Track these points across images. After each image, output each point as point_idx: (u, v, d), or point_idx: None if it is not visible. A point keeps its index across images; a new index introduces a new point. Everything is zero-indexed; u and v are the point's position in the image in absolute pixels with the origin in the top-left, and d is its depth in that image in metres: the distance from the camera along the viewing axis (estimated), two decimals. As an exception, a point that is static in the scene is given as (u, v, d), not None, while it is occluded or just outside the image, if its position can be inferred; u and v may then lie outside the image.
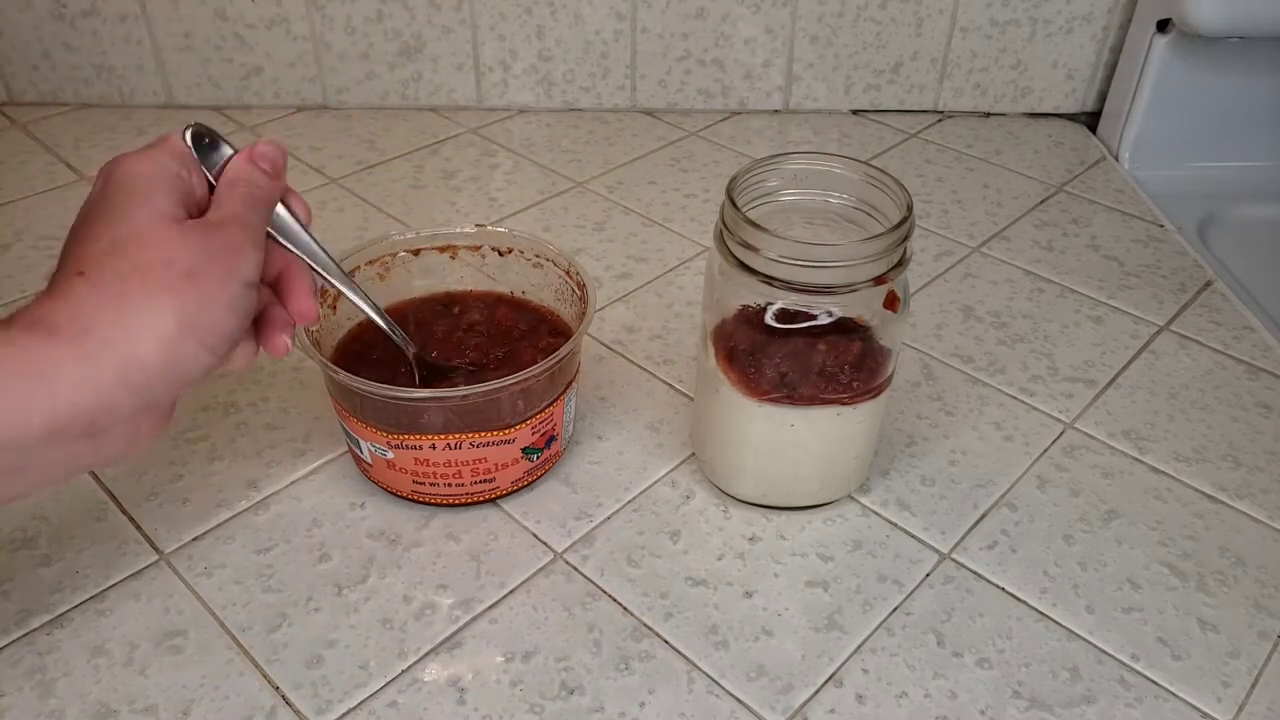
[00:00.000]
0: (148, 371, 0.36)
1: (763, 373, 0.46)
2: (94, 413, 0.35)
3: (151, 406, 0.37)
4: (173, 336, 0.36)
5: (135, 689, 0.43)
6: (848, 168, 0.48)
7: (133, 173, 0.39)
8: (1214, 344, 0.65)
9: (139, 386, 0.36)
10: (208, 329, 0.37)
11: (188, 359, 0.37)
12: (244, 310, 0.39)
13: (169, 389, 0.37)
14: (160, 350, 0.35)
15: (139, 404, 0.36)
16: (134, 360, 0.35)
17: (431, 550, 0.49)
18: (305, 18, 0.84)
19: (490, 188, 0.79)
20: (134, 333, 0.35)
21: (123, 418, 0.36)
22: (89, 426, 0.35)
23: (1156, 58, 0.82)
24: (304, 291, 0.43)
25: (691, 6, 0.85)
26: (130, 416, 0.36)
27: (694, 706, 0.43)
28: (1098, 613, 0.47)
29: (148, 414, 0.38)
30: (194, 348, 0.37)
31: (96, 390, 0.35)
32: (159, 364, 0.36)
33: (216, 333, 0.37)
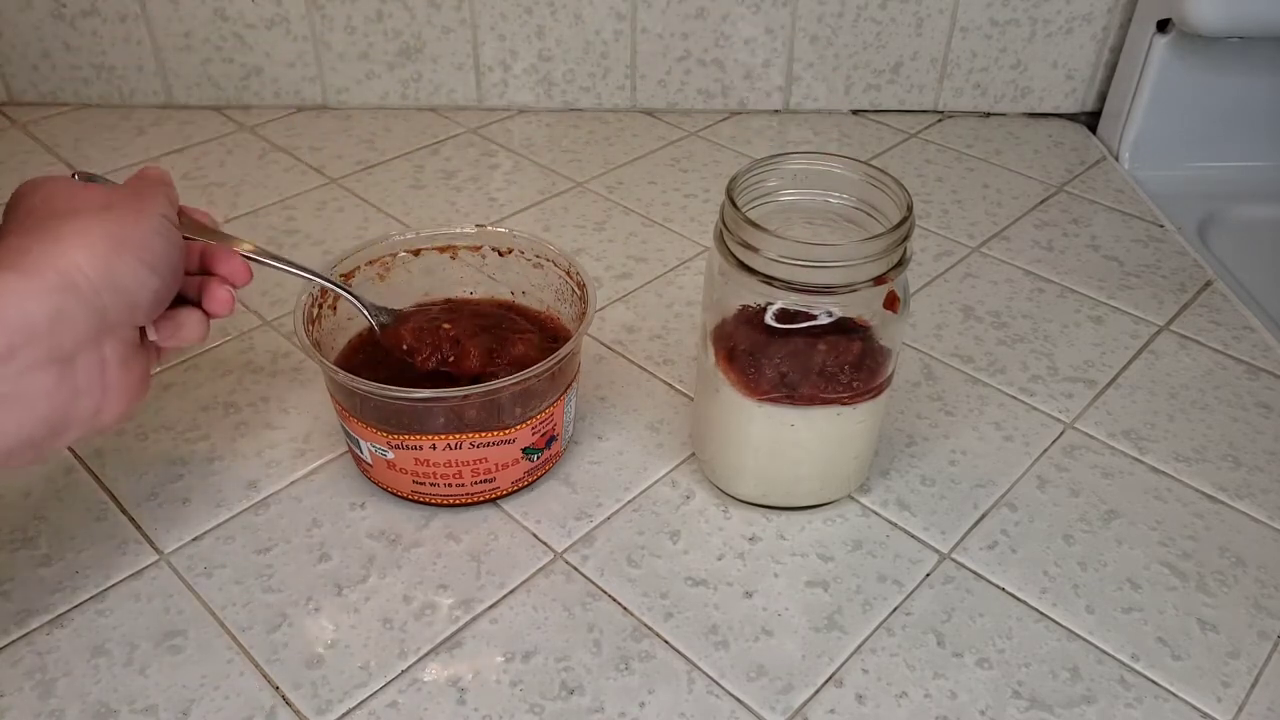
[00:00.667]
0: (89, 278, 0.37)
1: (763, 373, 0.46)
2: (49, 321, 0.36)
3: (110, 328, 0.39)
4: (103, 244, 0.38)
5: (135, 689, 0.43)
6: (848, 168, 0.48)
7: (34, 179, 0.42)
8: (1214, 344, 0.65)
9: (86, 295, 0.37)
10: (139, 245, 0.39)
11: (127, 274, 0.39)
12: (170, 239, 0.41)
13: (119, 302, 0.39)
14: (94, 258, 0.38)
15: (93, 315, 0.38)
16: (71, 266, 0.37)
17: (431, 550, 0.49)
18: (305, 18, 0.84)
19: (490, 188, 0.79)
20: (65, 247, 0.37)
21: (82, 335, 0.37)
22: (50, 344, 0.36)
23: (1156, 58, 0.82)
24: (229, 257, 0.46)
25: (691, 6, 0.85)
26: (91, 336, 0.38)
27: (694, 706, 0.43)
28: (1098, 613, 0.47)
29: (112, 342, 0.39)
30: (131, 263, 0.39)
31: (42, 298, 0.36)
32: (98, 268, 0.38)
33: (150, 250, 0.40)
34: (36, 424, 0.37)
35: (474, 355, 0.50)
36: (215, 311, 0.45)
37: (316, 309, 0.52)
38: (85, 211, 0.39)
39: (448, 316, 0.52)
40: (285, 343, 0.62)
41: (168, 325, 0.43)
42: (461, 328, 0.51)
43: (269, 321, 0.64)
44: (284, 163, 0.82)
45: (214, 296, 0.45)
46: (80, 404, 0.39)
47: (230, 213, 0.75)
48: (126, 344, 0.40)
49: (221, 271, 0.46)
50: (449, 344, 0.51)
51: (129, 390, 0.41)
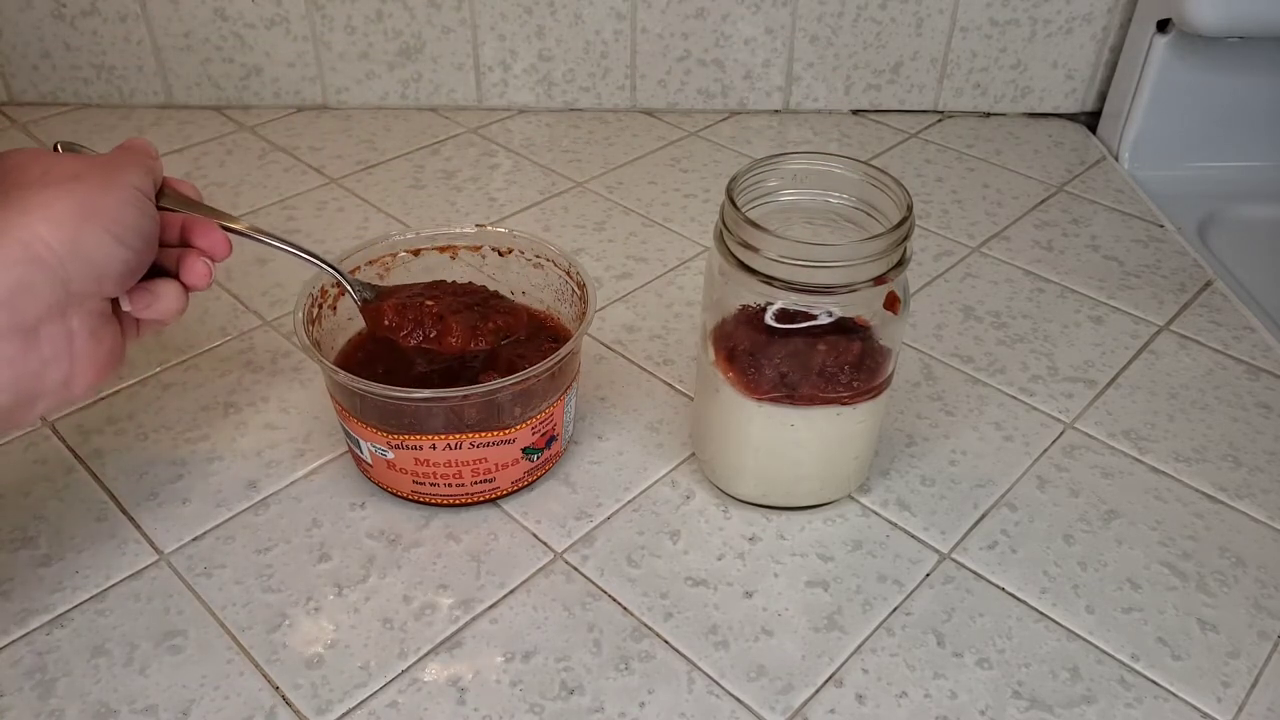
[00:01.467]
0: (52, 249, 0.37)
1: (763, 373, 0.46)
2: (9, 293, 0.36)
3: (75, 299, 0.38)
4: (69, 215, 0.38)
5: (135, 689, 0.43)
6: (848, 168, 0.48)
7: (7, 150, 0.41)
8: (1214, 344, 0.65)
9: (49, 266, 0.37)
10: (107, 217, 0.39)
11: (93, 245, 0.38)
12: (143, 210, 0.41)
13: (84, 273, 0.38)
14: (59, 229, 0.37)
15: (57, 287, 0.37)
16: (35, 238, 0.37)
17: (431, 550, 0.49)
18: (305, 18, 0.84)
19: (490, 188, 0.79)
20: (30, 219, 0.37)
21: (46, 306, 0.37)
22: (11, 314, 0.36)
23: (1156, 58, 0.82)
24: (209, 230, 0.46)
25: (691, 6, 0.85)
26: (55, 307, 0.38)
27: (694, 706, 0.43)
28: (1098, 613, 0.47)
29: (79, 313, 0.39)
30: (98, 234, 0.38)
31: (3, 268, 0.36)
32: (62, 239, 0.37)
33: (119, 222, 0.39)
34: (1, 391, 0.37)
35: (456, 331, 0.50)
36: (193, 284, 0.45)
37: (316, 309, 0.52)
38: (53, 182, 0.39)
39: (430, 294, 0.51)
40: (285, 343, 0.62)
41: (143, 296, 0.43)
42: (444, 304, 0.50)
43: (269, 321, 0.64)
44: (284, 163, 0.82)
45: (191, 269, 0.45)
46: (48, 374, 0.38)
47: (230, 212, 0.75)
48: (95, 315, 0.40)
49: (200, 244, 0.45)
50: (431, 320, 0.50)
51: (99, 361, 0.40)
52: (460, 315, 0.50)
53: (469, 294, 0.52)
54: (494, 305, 0.52)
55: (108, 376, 0.41)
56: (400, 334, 0.50)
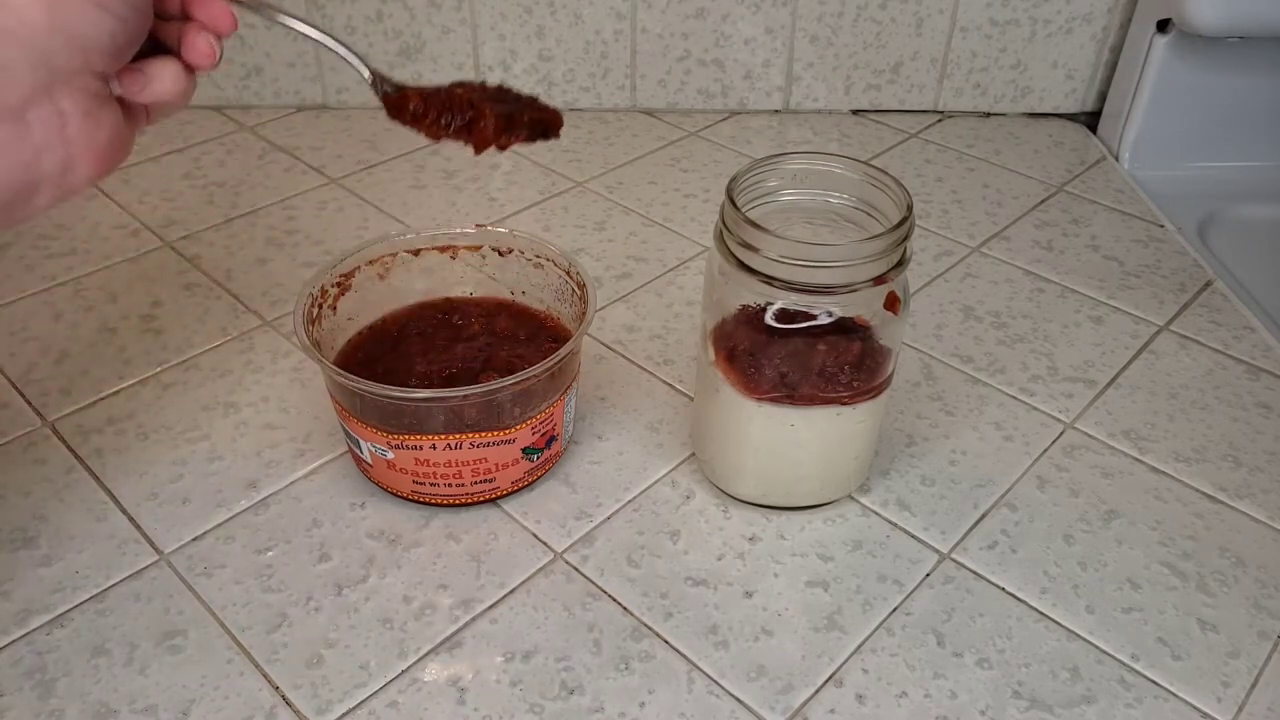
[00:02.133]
0: (24, 22, 0.34)
1: (763, 373, 0.46)
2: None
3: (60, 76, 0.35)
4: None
5: (135, 689, 0.43)
6: (848, 168, 0.48)
7: None
8: (1214, 344, 0.65)
9: (25, 40, 0.34)
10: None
11: (74, 13, 0.35)
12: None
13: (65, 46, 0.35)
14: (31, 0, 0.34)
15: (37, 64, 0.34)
16: (7, 12, 0.34)
17: (431, 550, 0.49)
18: (305, 18, 0.84)
19: (490, 188, 0.79)
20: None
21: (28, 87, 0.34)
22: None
23: (1156, 58, 0.82)
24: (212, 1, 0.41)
25: (691, 6, 0.85)
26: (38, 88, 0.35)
27: (694, 706, 0.43)
28: (1098, 613, 0.47)
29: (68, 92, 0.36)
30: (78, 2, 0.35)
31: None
32: (37, 15, 0.34)
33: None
34: None
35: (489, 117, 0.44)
36: (196, 62, 0.40)
37: (316, 309, 0.52)
38: None
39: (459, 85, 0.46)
40: (285, 343, 0.62)
41: (135, 78, 0.39)
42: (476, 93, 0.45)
43: (269, 321, 0.64)
44: (284, 163, 0.82)
45: (193, 46, 0.40)
46: (43, 161, 0.36)
47: (230, 213, 0.75)
48: (87, 94, 0.37)
49: (201, 17, 0.40)
50: (462, 106, 0.44)
51: (98, 146, 0.37)
52: (494, 104, 0.45)
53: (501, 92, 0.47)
54: (529, 102, 0.47)
55: (113, 165, 0.38)
56: (425, 122, 0.44)
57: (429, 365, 0.52)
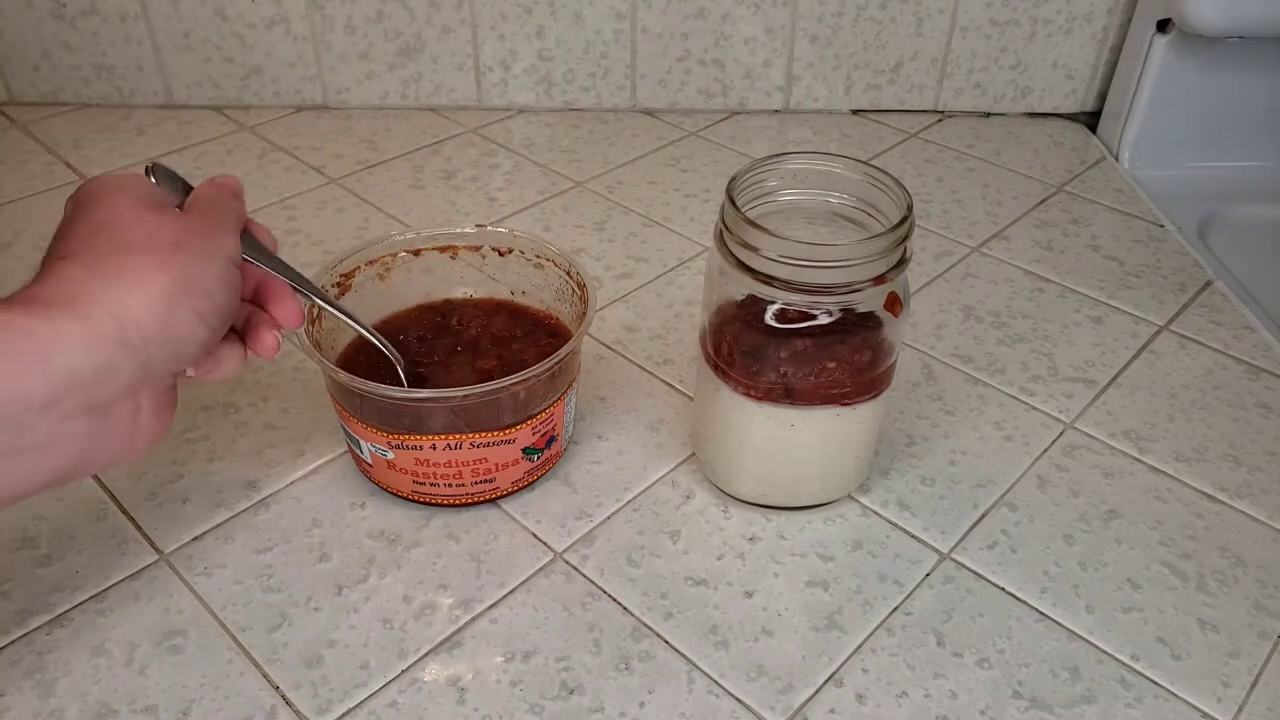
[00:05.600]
0: (142, 329, 0.36)
1: (763, 373, 0.46)
2: (94, 374, 0.35)
3: (151, 379, 0.37)
4: (165, 295, 0.36)
5: (135, 689, 0.43)
6: (848, 168, 0.48)
7: (103, 180, 0.40)
8: (1214, 344, 0.65)
9: (135, 346, 0.36)
10: (199, 294, 0.37)
11: (181, 323, 0.37)
12: (232, 285, 0.39)
13: (166, 354, 0.37)
14: (153, 308, 0.36)
15: (137, 369, 0.36)
16: (127, 317, 0.36)
17: (431, 550, 0.49)
18: (305, 18, 0.84)
19: (490, 188, 0.79)
20: (125, 292, 0.36)
21: (123, 387, 0.36)
22: (90, 394, 0.35)
23: (1156, 58, 0.82)
24: (285, 297, 0.44)
25: (691, 6, 0.85)
26: (131, 388, 0.37)
27: (694, 706, 0.43)
28: (1098, 613, 0.47)
29: (149, 391, 0.38)
30: (187, 313, 0.37)
31: (91, 349, 0.35)
32: (153, 323, 0.36)
33: (208, 300, 0.38)
34: (64, 467, 0.36)
35: None
36: (260, 354, 0.44)
37: (317, 309, 0.52)
38: (156, 250, 0.37)
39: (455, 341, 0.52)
40: (285, 343, 0.62)
41: (208, 363, 0.42)
42: None
43: (269, 321, 0.64)
44: (284, 163, 0.82)
45: (260, 340, 0.43)
46: (110, 445, 0.37)
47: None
48: (164, 391, 0.39)
49: (275, 312, 0.44)
50: None
51: (156, 434, 0.39)
52: None
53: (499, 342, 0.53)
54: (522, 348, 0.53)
55: (160, 440, 0.40)
56: None
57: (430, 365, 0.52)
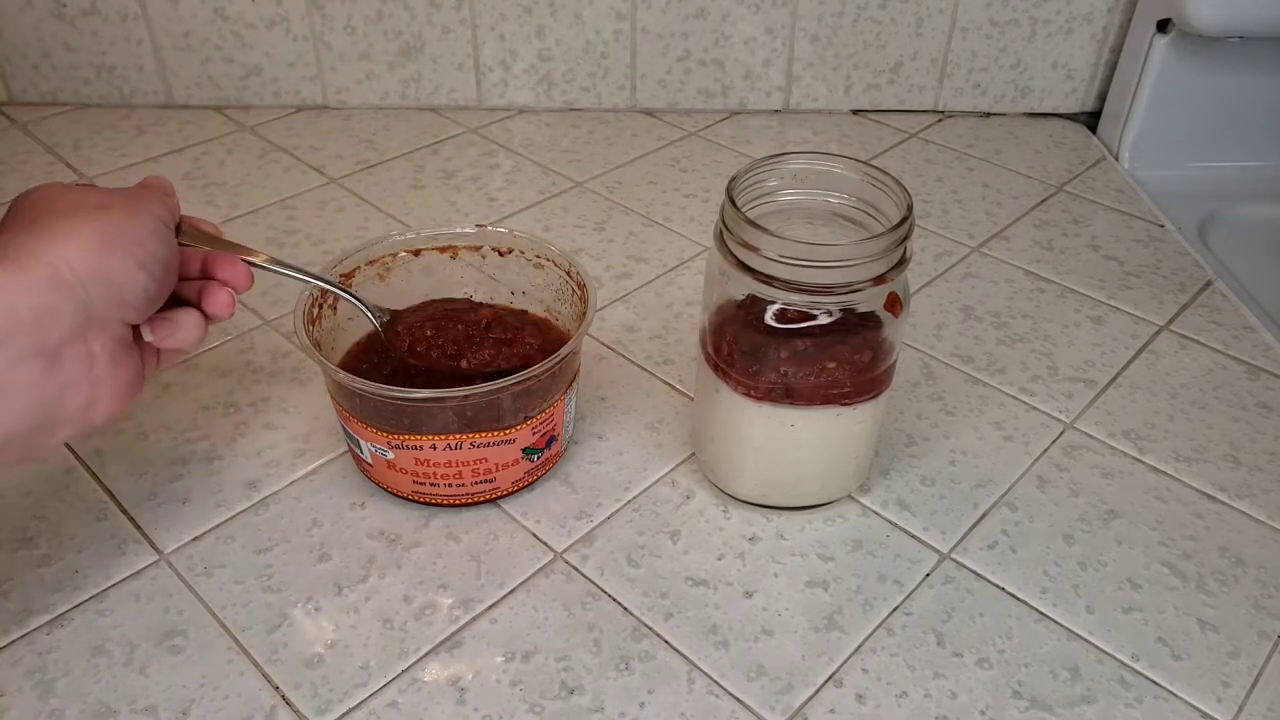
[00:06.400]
0: (76, 270, 0.38)
1: (763, 373, 0.46)
2: (33, 315, 0.37)
3: (97, 323, 0.39)
4: (96, 240, 0.39)
5: (135, 689, 0.43)
6: (848, 168, 0.48)
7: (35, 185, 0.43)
8: (1214, 344, 0.65)
9: (71, 286, 0.38)
10: (132, 243, 0.40)
11: (118, 270, 0.39)
12: (165, 240, 0.42)
13: (107, 297, 0.39)
14: (85, 250, 0.38)
15: (79, 309, 0.38)
16: (60, 261, 0.38)
17: (431, 550, 0.49)
18: (305, 18, 0.84)
19: (490, 188, 0.79)
20: (56, 243, 0.38)
21: (67, 329, 0.38)
22: (34, 337, 0.37)
23: (1156, 58, 0.82)
24: (228, 262, 0.47)
25: (691, 6, 0.85)
26: (77, 330, 0.38)
27: (694, 706, 0.43)
28: (1098, 613, 0.47)
29: (99, 337, 0.39)
30: (122, 259, 0.39)
31: (28, 292, 0.37)
32: (87, 264, 0.38)
33: (143, 248, 0.40)
34: (21, 415, 0.38)
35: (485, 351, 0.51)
36: (215, 313, 0.46)
37: (316, 309, 0.52)
38: (81, 209, 0.40)
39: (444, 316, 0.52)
40: (285, 343, 0.62)
41: (163, 325, 0.44)
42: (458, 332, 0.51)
43: (269, 321, 0.64)
44: (284, 163, 0.82)
45: (214, 298, 0.46)
46: (68, 399, 0.39)
47: (230, 213, 0.75)
48: (116, 340, 0.40)
49: (222, 276, 0.47)
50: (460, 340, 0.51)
51: (120, 387, 0.41)
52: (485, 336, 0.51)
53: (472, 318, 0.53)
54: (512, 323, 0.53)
55: (128, 404, 0.42)
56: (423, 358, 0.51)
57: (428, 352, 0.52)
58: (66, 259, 0.38)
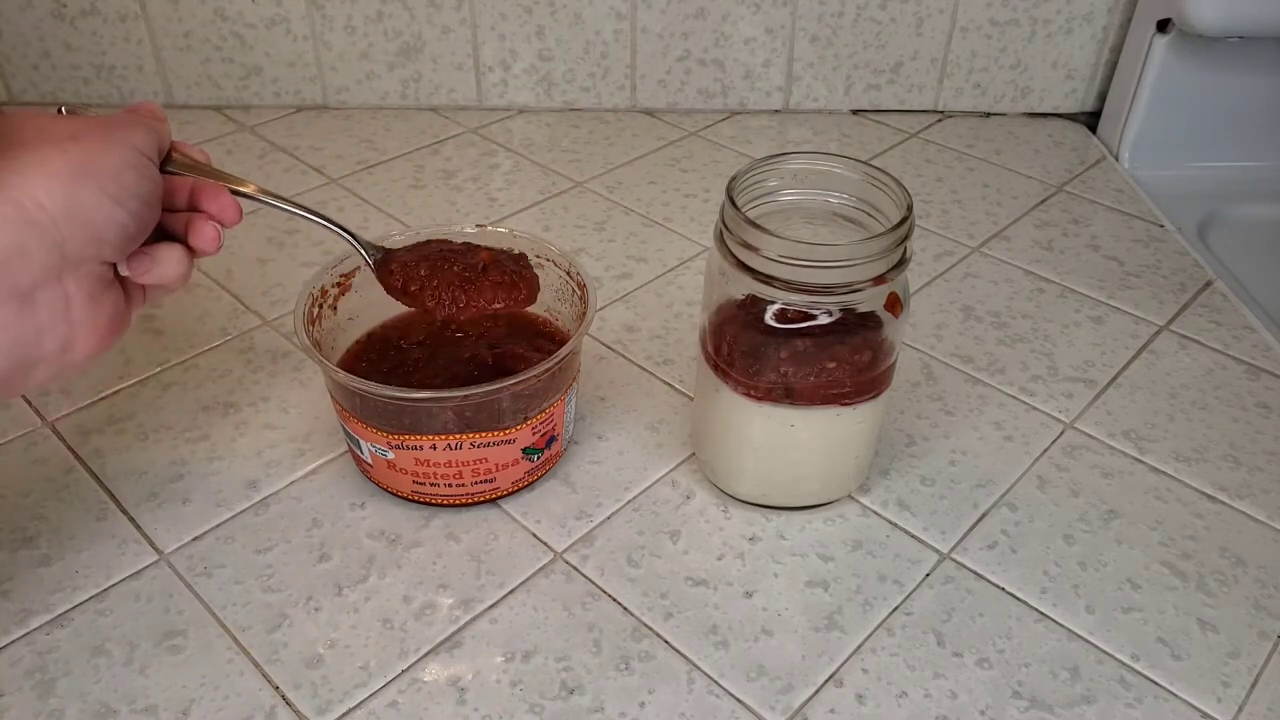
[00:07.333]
0: (45, 208, 0.36)
1: (763, 373, 0.46)
2: (3, 255, 0.35)
3: (71, 262, 0.37)
4: (65, 175, 0.36)
5: (135, 689, 0.43)
6: (848, 168, 0.48)
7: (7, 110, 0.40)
8: (1214, 344, 0.65)
9: (42, 225, 0.36)
10: (105, 177, 0.37)
11: (90, 205, 0.37)
12: (145, 173, 0.39)
13: (81, 235, 0.37)
14: (53, 187, 0.36)
15: (52, 249, 0.36)
16: (27, 198, 0.36)
17: (431, 550, 0.49)
18: (305, 18, 0.84)
19: (490, 188, 0.79)
20: (24, 179, 0.36)
21: (40, 269, 0.36)
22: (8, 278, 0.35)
23: (1156, 58, 0.82)
24: (217, 192, 0.44)
25: (691, 6, 0.85)
26: (50, 270, 0.36)
27: (694, 706, 0.43)
28: (1098, 613, 0.47)
29: (75, 277, 0.38)
30: (94, 195, 0.37)
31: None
32: (57, 200, 0.36)
33: (117, 182, 0.38)
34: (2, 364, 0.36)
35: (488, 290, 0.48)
36: (201, 248, 0.43)
37: (317, 309, 0.52)
38: (50, 141, 0.37)
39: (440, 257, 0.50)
40: (285, 343, 0.62)
41: (142, 261, 0.41)
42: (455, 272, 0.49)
43: (269, 321, 0.64)
44: (284, 163, 0.82)
45: (200, 232, 0.43)
46: (45, 340, 0.37)
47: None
48: (94, 279, 0.39)
49: (209, 209, 0.44)
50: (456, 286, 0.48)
51: (99, 327, 0.39)
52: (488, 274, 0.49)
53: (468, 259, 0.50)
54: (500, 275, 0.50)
55: (110, 344, 0.40)
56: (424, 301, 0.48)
57: (430, 366, 0.52)
58: (34, 195, 0.36)
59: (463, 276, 0.48)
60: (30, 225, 0.36)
